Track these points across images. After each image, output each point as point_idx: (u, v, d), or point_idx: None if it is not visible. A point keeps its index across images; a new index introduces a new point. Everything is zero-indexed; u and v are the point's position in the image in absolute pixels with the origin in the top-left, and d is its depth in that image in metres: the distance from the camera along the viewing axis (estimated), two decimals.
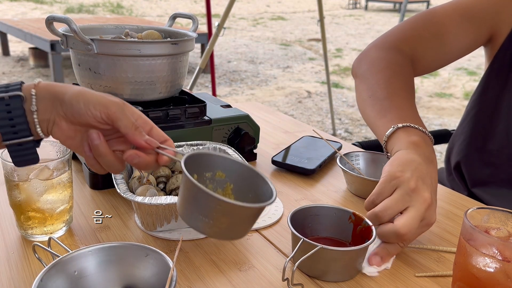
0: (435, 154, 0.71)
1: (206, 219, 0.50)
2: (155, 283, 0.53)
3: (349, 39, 8.01)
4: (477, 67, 6.09)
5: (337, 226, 0.68)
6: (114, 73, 0.83)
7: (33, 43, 4.65)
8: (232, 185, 0.59)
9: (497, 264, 0.52)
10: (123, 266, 0.55)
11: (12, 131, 0.51)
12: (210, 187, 0.58)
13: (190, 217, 0.52)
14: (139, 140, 0.53)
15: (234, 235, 0.55)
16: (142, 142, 0.53)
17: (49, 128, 0.53)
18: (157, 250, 0.54)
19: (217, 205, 0.49)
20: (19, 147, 0.52)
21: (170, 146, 0.56)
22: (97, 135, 0.53)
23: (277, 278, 0.62)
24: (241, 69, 5.57)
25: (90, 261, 0.54)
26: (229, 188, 0.59)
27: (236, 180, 0.58)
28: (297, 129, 1.23)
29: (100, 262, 0.54)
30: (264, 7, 12.90)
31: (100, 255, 0.54)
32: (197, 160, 0.55)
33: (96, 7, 11.31)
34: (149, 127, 0.56)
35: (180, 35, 0.96)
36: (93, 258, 0.54)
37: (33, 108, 0.51)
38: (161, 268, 0.53)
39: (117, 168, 0.55)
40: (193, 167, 0.53)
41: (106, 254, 0.55)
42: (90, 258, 0.54)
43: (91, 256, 0.54)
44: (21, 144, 0.52)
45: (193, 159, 0.54)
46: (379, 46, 0.93)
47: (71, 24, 0.78)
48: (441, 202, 0.86)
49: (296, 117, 3.90)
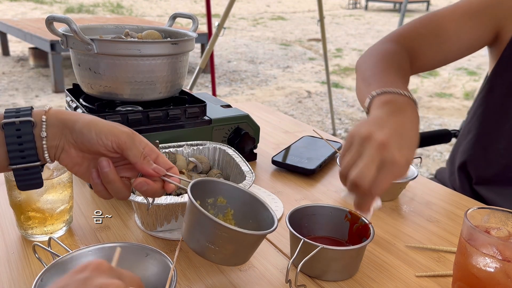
0: (411, 105, 0.65)
1: (213, 246, 0.53)
2: (155, 283, 0.53)
3: (349, 39, 8.00)
4: (477, 67, 6.08)
5: (334, 225, 0.68)
6: (114, 73, 0.83)
7: (33, 43, 4.65)
8: (233, 210, 0.62)
9: (497, 264, 0.52)
10: (123, 266, 0.54)
11: (21, 155, 0.52)
12: (212, 212, 0.61)
13: (197, 244, 0.54)
14: (147, 169, 0.55)
15: (238, 261, 0.57)
16: (150, 171, 0.55)
17: (57, 154, 0.54)
18: (157, 250, 0.54)
19: (224, 233, 0.52)
20: (25, 171, 0.53)
21: (175, 173, 0.57)
22: (107, 163, 0.54)
23: (277, 278, 0.62)
24: (241, 69, 5.57)
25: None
26: (230, 214, 0.62)
27: (236, 205, 0.61)
28: (297, 129, 1.23)
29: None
30: (264, 7, 12.90)
31: (100, 255, 0.54)
32: (200, 186, 0.58)
33: (96, 7, 11.30)
34: (155, 155, 0.57)
35: (180, 35, 0.96)
36: (93, 258, 0.54)
37: (43, 134, 0.52)
38: (161, 268, 0.53)
39: (124, 195, 0.56)
40: (196, 194, 0.56)
41: (106, 254, 0.55)
42: (90, 258, 0.54)
43: (91, 256, 0.54)
44: (28, 169, 0.53)
45: (197, 186, 0.57)
46: (379, 42, 0.93)
47: (71, 24, 0.78)
48: (442, 202, 0.86)
49: (296, 117, 3.90)
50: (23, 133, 0.51)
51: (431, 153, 3.23)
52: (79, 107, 0.87)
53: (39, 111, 0.53)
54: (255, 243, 0.57)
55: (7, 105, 3.84)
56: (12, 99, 4.01)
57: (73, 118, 0.54)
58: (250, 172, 0.74)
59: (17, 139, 0.51)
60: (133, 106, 0.90)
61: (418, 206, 0.84)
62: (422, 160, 0.97)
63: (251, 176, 0.72)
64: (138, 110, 0.87)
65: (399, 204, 0.85)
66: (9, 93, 4.19)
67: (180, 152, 0.82)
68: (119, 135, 0.53)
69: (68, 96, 0.94)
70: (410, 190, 0.90)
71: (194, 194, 0.55)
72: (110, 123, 0.55)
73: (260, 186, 0.88)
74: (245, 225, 0.61)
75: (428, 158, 3.14)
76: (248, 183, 0.70)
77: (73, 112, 0.56)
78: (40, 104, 3.90)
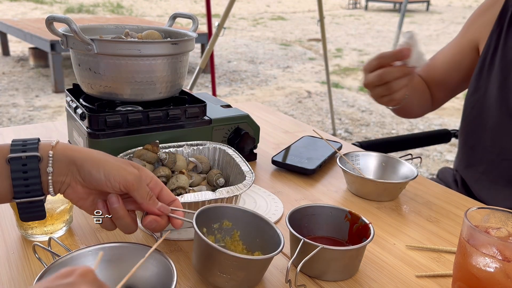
0: None
1: (224, 275, 0.55)
2: (155, 283, 0.53)
3: (349, 39, 8.00)
4: None
5: (334, 225, 0.68)
6: (114, 73, 0.83)
7: (33, 43, 4.65)
8: (239, 232, 0.63)
9: (497, 264, 0.52)
10: (123, 266, 0.55)
11: (25, 190, 0.51)
12: (219, 236, 0.63)
13: (209, 274, 0.56)
14: (153, 209, 0.56)
15: (251, 284, 0.59)
16: (156, 211, 0.56)
17: (62, 189, 0.54)
18: (157, 250, 0.54)
19: (233, 261, 0.54)
20: (29, 204, 0.52)
21: (178, 206, 0.58)
22: (116, 199, 0.54)
23: (277, 277, 0.62)
24: (241, 69, 5.57)
25: (90, 261, 0.54)
26: (237, 235, 0.63)
27: (242, 226, 0.63)
28: (297, 129, 1.23)
29: (100, 262, 0.54)
30: (264, 7, 12.89)
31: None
32: (204, 214, 0.60)
33: (96, 7, 11.30)
34: (160, 188, 0.58)
35: (180, 35, 0.96)
36: (93, 258, 0.54)
37: (49, 170, 0.52)
38: (161, 268, 0.53)
39: (132, 229, 0.57)
40: (201, 222, 0.59)
41: (106, 254, 0.55)
42: (90, 258, 0.54)
43: (91, 256, 0.54)
44: (32, 202, 0.52)
45: (201, 215, 0.59)
46: None
47: (71, 24, 0.78)
48: (441, 202, 0.86)
49: (296, 117, 3.90)
50: (29, 168, 0.51)
51: (431, 153, 3.23)
52: (79, 107, 0.87)
53: (46, 144, 0.52)
54: (264, 265, 0.59)
55: (7, 105, 3.84)
56: (12, 99, 4.01)
57: (80, 156, 0.53)
58: (250, 172, 0.74)
59: (22, 174, 0.51)
60: (133, 106, 0.90)
61: (418, 206, 0.84)
62: (422, 160, 0.97)
63: (251, 176, 0.72)
64: (138, 110, 0.87)
65: (399, 204, 0.85)
66: (9, 93, 4.19)
67: (180, 152, 0.82)
68: (127, 176, 0.54)
69: (68, 96, 0.94)
70: (410, 190, 0.90)
71: (199, 222, 0.57)
72: (118, 162, 0.55)
73: (260, 186, 0.88)
74: (252, 244, 0.63)
75: (428, 158, 3.14)
76: (248, 183, 0.70)
77: (80, 148, 0.56)
78: (40, 104, 3.90)
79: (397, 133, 3.64)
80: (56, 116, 3.68)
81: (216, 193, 0.67)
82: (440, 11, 13.21)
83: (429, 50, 7.24)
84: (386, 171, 0.90)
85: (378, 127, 3.77)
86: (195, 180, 0.78)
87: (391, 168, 0.90)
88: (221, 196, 0.66)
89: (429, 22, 10.54)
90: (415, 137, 1.55)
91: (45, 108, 3.82)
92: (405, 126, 3.81)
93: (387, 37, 8.20)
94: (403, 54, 0.81)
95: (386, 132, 3.68)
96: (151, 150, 0.77)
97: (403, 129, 3.76)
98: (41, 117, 3.61)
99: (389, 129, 3.74)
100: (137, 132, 0.84)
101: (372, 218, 0.79)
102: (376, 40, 8.01)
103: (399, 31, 5.16)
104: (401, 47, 0.81)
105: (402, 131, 3.71)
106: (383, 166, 0.91)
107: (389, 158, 0.91)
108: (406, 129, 3.77)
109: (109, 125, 0.81)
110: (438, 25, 10.14)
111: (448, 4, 15.42)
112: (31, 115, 3.64)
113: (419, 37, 1.69)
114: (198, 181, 0.78)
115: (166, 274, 0.52)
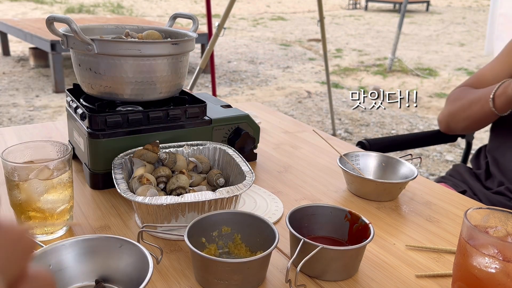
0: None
1: (221, 281, 0.56)
2: (130, 273, 0.54)
3: (349, 39, 8.00)
4: (476, 67, 6.08)
5: (334, 225, 0.69)
6: (114, 73, 0.83)
7: (34, 43, 4.64)
8: (240, 234, 0.64)
9: (498, 264, 0.52)
10: (98, 258, 0.56)
11: None
12: (221, 243, 0.64)
13: (208, 283, 0.58)
14: None
15: (253, 285, 0.59)
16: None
17: None
18: (130, 241, 0.55)
19: (226, 267, 0.55)
20: None
21: None
22: None
23: (277, 277, 0.62)
24: (241, 69, 5.57)
25: (64, 255, 0.54)
26: (238, 238, 0.64)
27: (241, 229, 0.64)
28: (297, 129, 1.23)
29: (74, 255, 0.55)
30: (264, 7, 12.89)
31: (74, 248, 0.55)
32: (199, 225, 0.61)
33: (96, 7, 11.30)
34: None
35: (181, 35, 0.96)
36: (68, 251, 0.54)
37: None
38: (136, 258, 0.54)
39: None
40: (198, 233, 0.60)
41: (81, 247, 0.55)
42: (64, 251, 0.54)
43: (65, 250, 0.54)
44: None
45: (196, 227, 0.60)
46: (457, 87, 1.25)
47: (71, 24, 0.78)
48: (441, 202, 0.86)
49: (296, 117, 3.89)
50: None
51: (431, 153, 3.23)
52: (80, 107, 0.87)
53: None
54: (260, 265, 0.59)
55: (7, 105, 3.84)
56: (13, 99, 4.01)
57: None
58: (250, 172, 0.74)
59: None
60: (133, 106, 0.90)
61: (418, 206, 0.84)
62: (422, 160, 0.97)
63: (251, 176, 0.72)
64: (138, 110, 0.87)
65: (399, 204, 0.85)
66: (10, 93, 4.19)
67: (180, 152, 0.82)
68: None
69: (69, 96, 0.94)
70: (409, 190, 0.90)
71: (195, 233, 0.59)
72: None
73: (260, 186, 0.88)
74: (255, 244, 0.64)
75: (428, 158, 3.14)
76: (248, 183, 0.70)
77: None
78: (40, 104, 3.90)
79: (397, 133, 3.64)
80: (56, 116, 3.68)
81: (216, 193, 0.67)
82: (440, 11, 13.20)
83: (429, 50, 7.24)
84: (386, 171, 0.91)
85: (378, 127, 3.77)
86: (195, 180, 0.78)
87: (391, 168, 0.90)
88: (221, 196, 0.66)
89: (429, 23, 10.54)
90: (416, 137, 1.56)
91: (46, 108, 3.82)
92: (405, 126, 3.81)
93: (387, 38, 8.20)
94: None
95: (386, 132, 3.68)
96: (151, 150, 0.77)
97: (403, 129, 3.76)
98: (42, 117, 3.61)
99: (388, 129, 3.74)
100: (137, 132, 0.84)
101: (372, 218, 0.79)
102: (376, 40, 8.01)
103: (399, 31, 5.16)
104: None
105: (402, 131, 3.71)
106: (383, 166, 0.91)
107: (389, 158, 0.91)
108: (406, 129, 3.77)
109: (110, 125, 0.81)
110: (438, 25, 10.14)
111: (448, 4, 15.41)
112: (32, 115, 3.64)
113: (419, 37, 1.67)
114: (198, 181, 0.78)
115: (142, 263, 0.52)
